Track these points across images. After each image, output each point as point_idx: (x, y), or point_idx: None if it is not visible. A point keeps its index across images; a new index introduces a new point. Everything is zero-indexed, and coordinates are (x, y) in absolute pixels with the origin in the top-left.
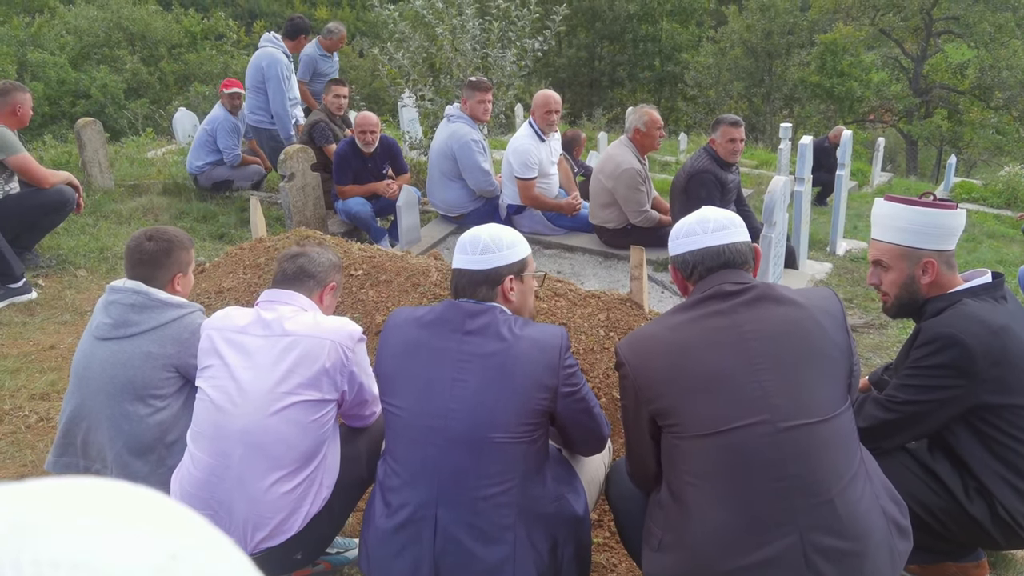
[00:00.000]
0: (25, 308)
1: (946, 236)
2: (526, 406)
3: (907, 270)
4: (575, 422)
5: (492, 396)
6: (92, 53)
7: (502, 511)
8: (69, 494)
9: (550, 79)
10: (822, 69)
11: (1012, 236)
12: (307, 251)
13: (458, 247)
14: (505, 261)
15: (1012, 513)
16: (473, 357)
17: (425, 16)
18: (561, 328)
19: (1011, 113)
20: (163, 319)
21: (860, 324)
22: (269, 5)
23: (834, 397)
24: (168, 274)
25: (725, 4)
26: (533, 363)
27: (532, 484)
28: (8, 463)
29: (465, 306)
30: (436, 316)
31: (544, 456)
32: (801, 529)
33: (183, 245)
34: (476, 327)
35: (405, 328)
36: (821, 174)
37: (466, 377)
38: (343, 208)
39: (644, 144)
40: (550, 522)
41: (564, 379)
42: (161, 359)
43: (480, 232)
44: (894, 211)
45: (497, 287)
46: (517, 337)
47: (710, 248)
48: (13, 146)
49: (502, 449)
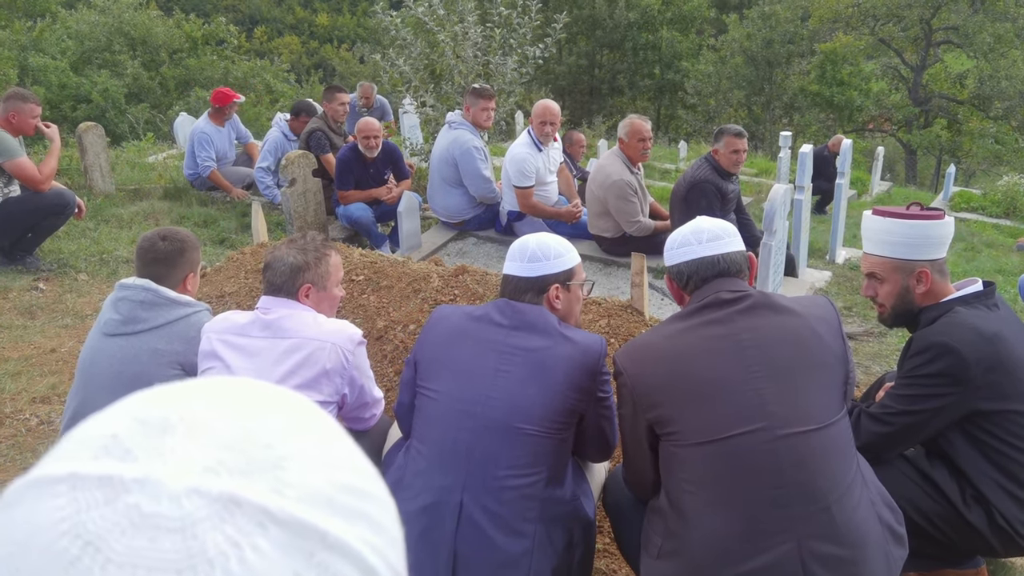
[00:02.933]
0: (26, 311)
1: (936, 245)
2: (561, 404)
3: (901, 281)
4: (597, 428)
5: (532, 389)
6: (93, 58)
7: (527, 503)
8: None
9: (550, 86)
10: (822, 78)
11: (1011, 246)
12: (271, 262)
13: (509, 254)
14: (551, 270)
15: (1010, 521)
16: (517, 350)
17: (427, 23)
18: (602, 338)
19: (1010, 123)
20: (171, 317)
21: (859, 332)
22: (270, 11)
23: (831, 405)
24: (181, 273)
25: (725, 13)
26: (574, 364)
27: (556, 481)
28: (8, 466)
29: (514, 304)
30: (484, 312)
31: (568, 455)
32: (799, 536)
33: (194, 245)
34: (523, 323)
35: (453, 319)
36: (820, 183)
37: (509, 368)
38: (344, 213)
39: (630, 154)
40: (567, 521)
41: (599, 385)
42: (168, 356)
43: (528, 240)
44: (884, 225)
45: (543, 295)
46: (562, 337)
47: (705, 258)
48: (11, 150)
49: (533, 441)
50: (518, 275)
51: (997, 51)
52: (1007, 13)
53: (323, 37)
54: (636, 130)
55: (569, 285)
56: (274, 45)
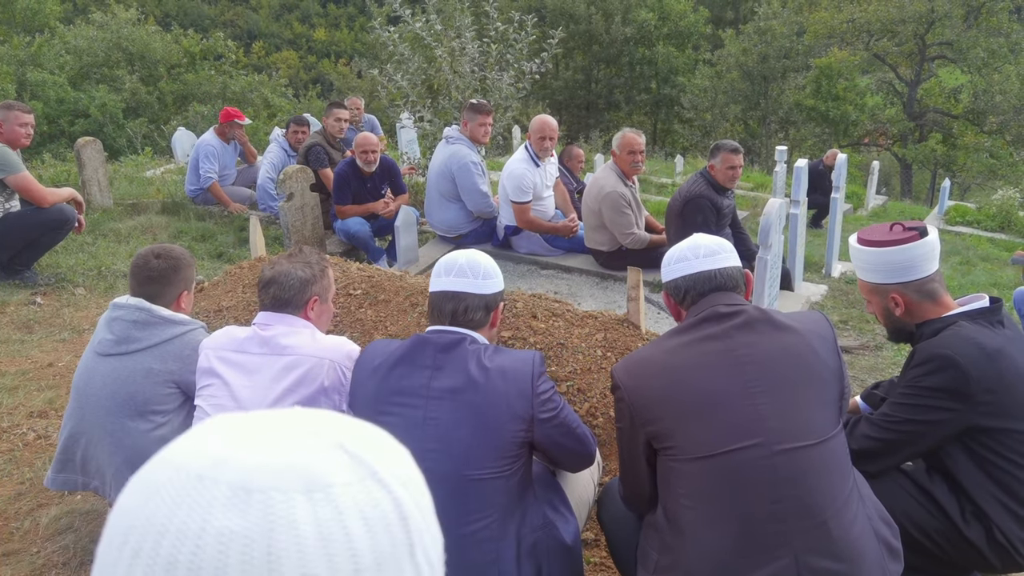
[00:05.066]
0: (24, 325)
1: (906, 269)
2: (502, 440)
3: (881, 303)
4: (557, 445)
5: (467, 433)
6: (91, 73)
7: (484, 546)
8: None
9: (547, 101)
10: (817, 93)
11: (1006, 259)
12: (276, 277)
13: (446, 269)
14: (499, 287)
15: (1009, 537)
16: (444, 394)
17: (424, 38)
18: (534, 353)
19: (1004, 137)
20: (165, 336)
21: (855, 346)
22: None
23: (828, 420)
24: (175, 291)
25: (721, 28)
26: (504, 395)
27: (512, 516)
28: (6, 480)
29: (434, 339)
30: (406, 352)
31: (526, 484)
32: (796, 551)
33: (188, 263)
34: (444, 362)
35: (380, 370)
36: (816, 196)
37: (438, 415)
38: (342, 228)
39: (622, 167)
40: (535, 552)
41: (539, 406)
42: (163, 375)
43: (458, 256)
44: (855, 252)
45: (491, 313)
46: (485, 370)
47: (702, 273)
48: (13, 165)
49: (481, 486)
50: (471, 292)
51: (991, 66)
52: (1001, 28)
53: (321, 52)
54: (627, 143)
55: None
56: (272, 60)
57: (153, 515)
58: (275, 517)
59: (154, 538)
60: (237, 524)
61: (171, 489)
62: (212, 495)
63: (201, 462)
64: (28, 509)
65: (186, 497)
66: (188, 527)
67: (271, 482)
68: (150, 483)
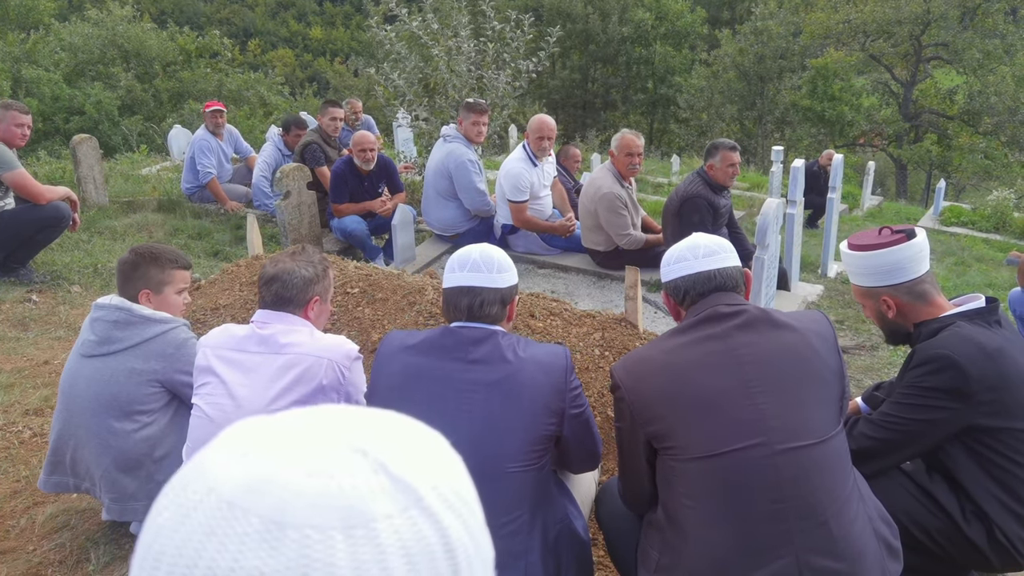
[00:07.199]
0: (19, 323)
1: (895, 271)
2: (535, 433)
3: (874, 306)
4: (579, 442)
5: (500, 425)
6: (87, 70)
7: (515, 539)
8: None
9: (544, 100)
10: (813, 93)
11: (1001, 260)
12: (279, 275)
13: (459, 265)
14: (514, 280)
15: (1010, 537)
16: (478, 386)
17: (421, 37)
18: (564, 348)
19: (999, 138)
20: (147, 335)
21: (851, 346)
22: (264, 24)
23: (828, 419)
24: (132, 289)
25: (718, 28)
26: (539, 387)
27: (540, 509)
28: (1, 479)
29: (466, 332)
30: (437, 341)
31: (551, 478)
32: (796, 550)
33: (157, 262)
34: (480, 355)
35: (402, 357)
36: (812, 197)
37: (471, 408)
38: (338, 226)
39: (619, 168)
40: (556, 545)
41: (570, 401)
42: (146, 374)
43: (471, 251)
44: (846, 257)
45: (507, 307)
46: (522, 360)
47: (701, 273)
48: (9, 162)
49: (513, 479)
50: (487, 286)
51: (986, 67)
52: (996, 30)
53: (317, 50)
54: (625, 144)
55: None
56: (268, 58)
57: (184, 544)
58: (310, 560)
59: (183, 570)
60: (269, 566)
61: (202, 516)
62: (244, 529)
63: (233, 487)
64: (24, 507)
65: (217, 528)
66: (218, 563)
67: (306, 518)
68: (182, 504)
